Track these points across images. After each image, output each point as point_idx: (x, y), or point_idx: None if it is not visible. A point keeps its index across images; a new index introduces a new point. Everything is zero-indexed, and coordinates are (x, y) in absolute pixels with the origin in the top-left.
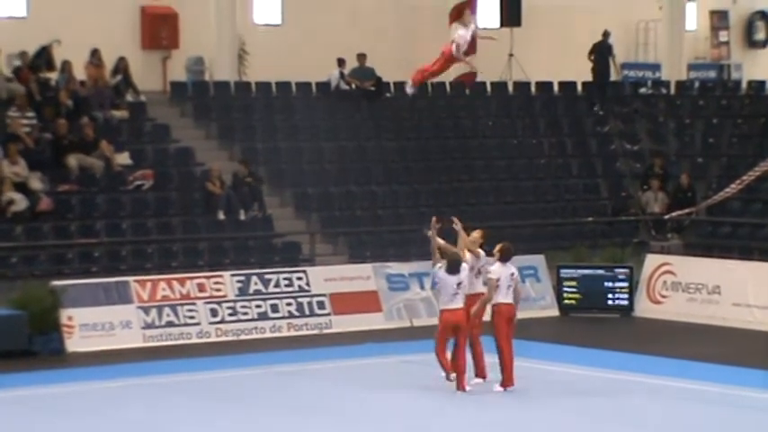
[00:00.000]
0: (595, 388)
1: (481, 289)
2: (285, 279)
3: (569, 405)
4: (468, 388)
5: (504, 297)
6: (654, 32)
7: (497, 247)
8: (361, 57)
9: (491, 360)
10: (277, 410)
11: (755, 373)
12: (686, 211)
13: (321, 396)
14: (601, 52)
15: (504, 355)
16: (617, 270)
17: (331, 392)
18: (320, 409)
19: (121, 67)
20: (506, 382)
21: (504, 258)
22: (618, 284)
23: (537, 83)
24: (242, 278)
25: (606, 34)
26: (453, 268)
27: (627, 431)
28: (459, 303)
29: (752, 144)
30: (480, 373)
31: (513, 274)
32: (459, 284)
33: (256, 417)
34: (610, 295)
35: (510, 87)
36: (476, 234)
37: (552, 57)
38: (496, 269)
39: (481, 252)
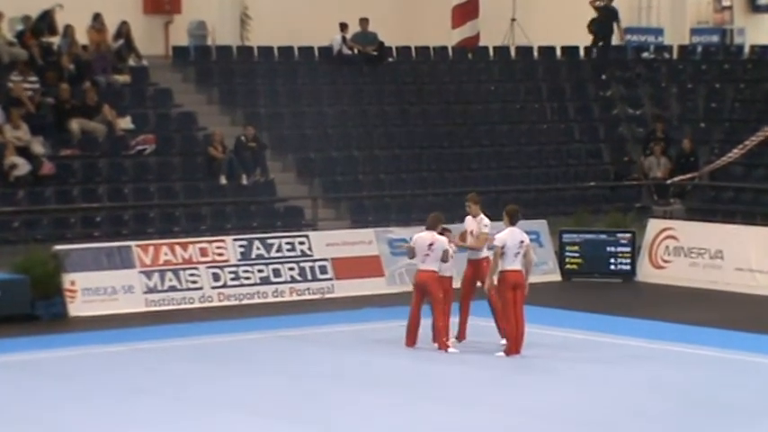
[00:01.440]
0: (597, 353)
1: (486, 254)
2: (287, 244)
3: (572, 371)
4: (451, 349)
5: (510, 264)
6: None
7: (505, 210)
8: (364, 21)
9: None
10: (279, 375)
11: (758, 338)
12: (689, 175)
13: (323, 360)
14: (606, 16)
15: (510, 323)
16: (619, 235)
17: (333, 357)
18: (322, 374)
19: (124, 31)
20: (511, 348)
21: (511, 222)
22: (620, 249)
23: (539, 47)
24: (244, 243)
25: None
26: (428, 227)
27: (631, 397)
28: (429, 265)
29: (754, 109)
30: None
31: (522, 242)
32: (430, 245)
33: (258, 381)
34: (612, 260)
35: (512, 52)
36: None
37: (555, 21)
38: (502, 236)
39: (480, 216)
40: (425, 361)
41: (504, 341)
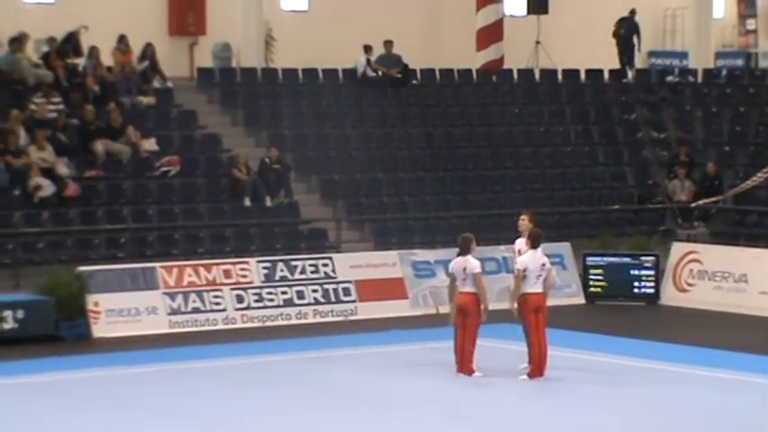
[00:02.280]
0: (621, 376)
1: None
2: (311, 265)
3: (596, 393)
4: (476, 374)
5: (531, 287)
6: (681, 20)
7: (526, 234)
8: (388, 44)
9: (520, 348)
10: (302, 397)
11: None
12: (713, 199)
13: (347, 382)
14: (627, 28)
15: (533, 347)
16: (643, 258)
17: (357, 379)
18: (346, 396)
19: (148, 52)
20: (534, 371)
21: (533, 245)
22: (644, 272)
23: (564, 70)
24: (268, 264)
25: (633, 12)
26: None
27: (655, 419)
28: (469, 288)
29: None
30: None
31: (543, 265)
32: (464, 270)
33: (282, 403)
34: (636, 283)
35: (537, 75)
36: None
37: (579, 44)
38: (523, 259)
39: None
40: (450, 384)
41: (525, 364)
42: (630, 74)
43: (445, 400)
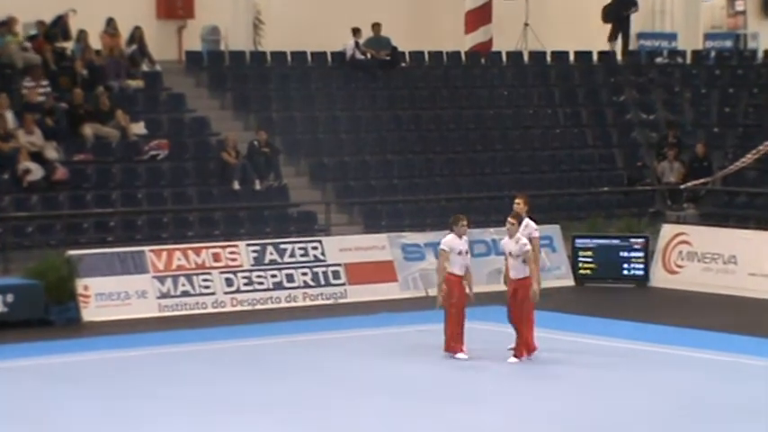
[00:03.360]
0: (610, 358)
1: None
2: (300, 249)
3: (584, 375)
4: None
5: (511, 271)
6: (670, 2)
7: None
8: (376, 26)
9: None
10: (292, 380)
11: None
12: (702, 180)
13: (336, 366)
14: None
15: (518, 328)
16: (632, 240)
17: (346, 362)
18: (335, 379)
19: (137, 36)
20: (518, 351)
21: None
22: (633, 254)
23: (552, 52)
24: (257, 248)
25: None
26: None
27: (642, 401)
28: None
29: None
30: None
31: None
32: (459, 253)
33: (271, 387)
34: (625, 265)
35: (525, 57)
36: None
37: (568, 26)
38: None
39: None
40: (439, 367)
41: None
42: (618, 51)
43: (434, 384)
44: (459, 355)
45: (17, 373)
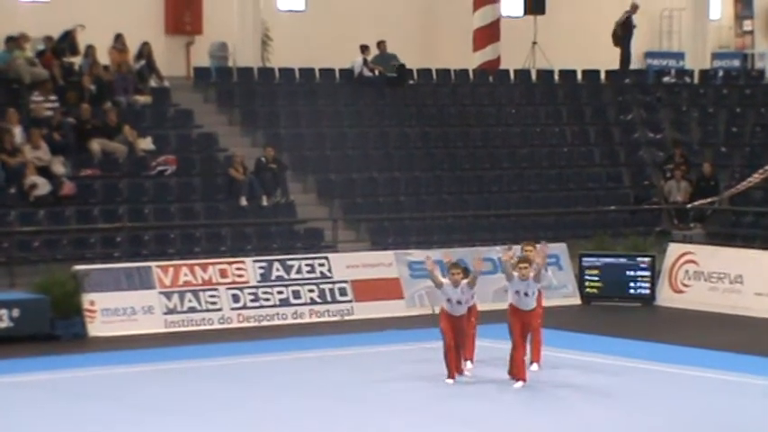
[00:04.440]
0: (617, 377)
1: None
2: (307, 265)
3: (590, 394)
4: (466, 372)
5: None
6: (678, 21)
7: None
8: (382, 44)
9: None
10: (298, 396)
11: None
12: (709, 200)
13: (343, 383)
14: (626, 27)
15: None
16: (639, 259)
17: (353, 379)
18: (342, 396)
19: (145, 52)
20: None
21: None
22: (640, 273)
23: (560, 71)
24: (264, 264)
25: (633, 8)
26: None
27: (647, 419)
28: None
29: None
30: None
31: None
32: (448, 300)
33: (278, 403)
34: (632, 284)
35: (533, 75)
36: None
37: (576, 45)
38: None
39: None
40: (444, 385)
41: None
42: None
43: (439, 401)
44: (466, 373)
45: (23, 387)
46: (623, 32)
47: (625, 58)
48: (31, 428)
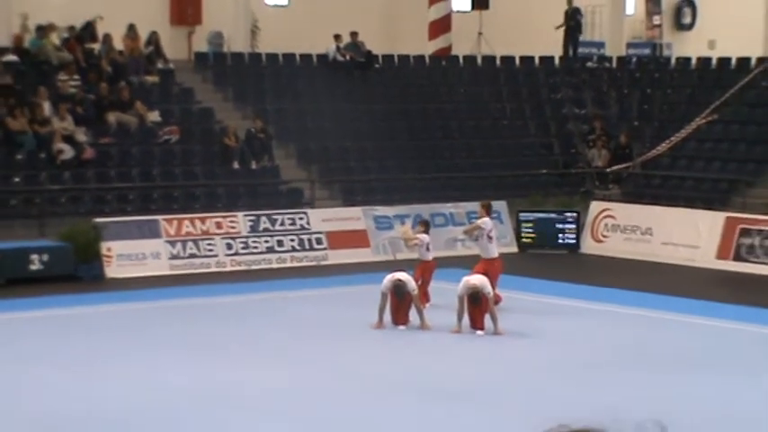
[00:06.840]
0: (549, 314)
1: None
2: (289, 219)
3: (525, 328)
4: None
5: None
6: (599, 15)
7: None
8: (354, 34)
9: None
10: (282, 328)
11: (679, 300)
12: (624, 165)
13: (320, 316)
14: (575, 20)
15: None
16: (566, 214)
17: (328, 313)
18: (320, 327)
19: (153, 39)
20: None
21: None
22: (567, 226)
23: (501, 57)
24: (253, 218)
25: (577, 9)
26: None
27: (573, 349)
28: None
29: (679, 110)
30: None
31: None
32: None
33: (261, 333)
34: (560, 235)
35: (479, 60)
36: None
37: (515, 35)
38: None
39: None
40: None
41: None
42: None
43: (400, 331)
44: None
45: (50, 321)
46: (570, 24)
47: (573, 46)
48: (60, 355)
